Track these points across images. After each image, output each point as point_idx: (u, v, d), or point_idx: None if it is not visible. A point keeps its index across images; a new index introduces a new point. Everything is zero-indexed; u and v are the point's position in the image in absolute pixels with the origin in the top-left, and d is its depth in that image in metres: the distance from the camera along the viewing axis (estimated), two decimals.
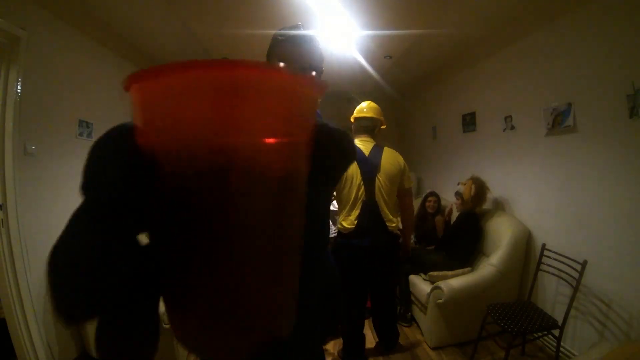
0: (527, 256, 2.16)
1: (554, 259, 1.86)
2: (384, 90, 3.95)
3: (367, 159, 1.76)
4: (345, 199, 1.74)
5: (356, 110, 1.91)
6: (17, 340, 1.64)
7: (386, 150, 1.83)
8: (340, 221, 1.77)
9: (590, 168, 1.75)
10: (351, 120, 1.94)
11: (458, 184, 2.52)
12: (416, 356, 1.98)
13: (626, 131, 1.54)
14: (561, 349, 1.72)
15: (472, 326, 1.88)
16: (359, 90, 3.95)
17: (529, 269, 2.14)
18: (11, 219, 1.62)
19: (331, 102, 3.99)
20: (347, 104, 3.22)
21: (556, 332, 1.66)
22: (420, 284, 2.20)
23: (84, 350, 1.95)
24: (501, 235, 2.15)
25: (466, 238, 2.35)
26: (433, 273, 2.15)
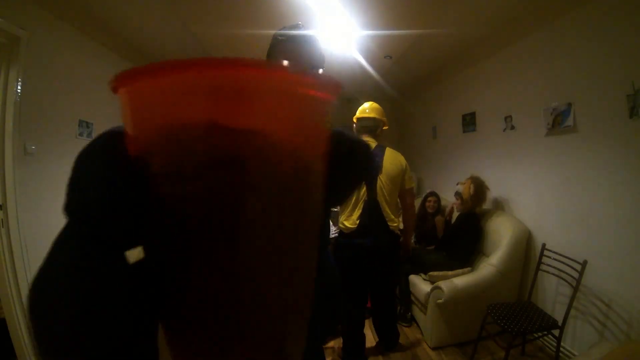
0: (527, 256, 2.16)
1: (554, 259, 1.86)
2: (384, 90, 3.95)
3: None
4: None
5: (359, 110, 1.91)
6: (17, 340, 1.64)
7: (388, 150, 1.83)
8: (342, 221, 1.77)
9: (590, 168, 1.75)
10: (353, 120, 1.94)
11: (457, 184, 2.52)
12: (416, 356, 1.98)
13: (626, 131, 1.54)
14: (561, 349, 1.72)
15: (472, 326, 1.88)
16: (359, 90, 3.94)
17: (529, 269, 2.14)
18: (11, 219, 1.62)
19: None
20: (347, 104, 3.22)
21: (556, 332, 1.66)
22: (420, 284, 2.20)
23: None
24: (501, 235, 2.15)
25: (466, 238, 2.35)
26: (433, 273, 2.15)
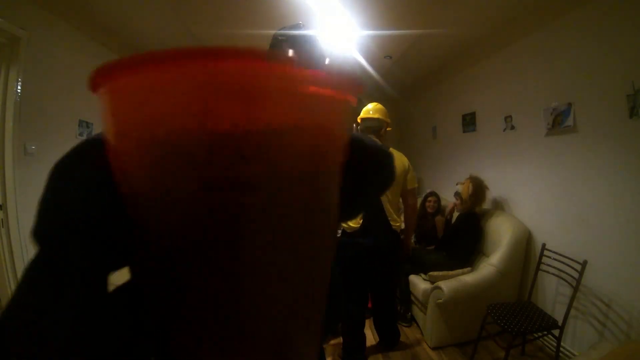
0: (527, 256, 2.16)
1: (554, 259, 1.86)
2: (384, 91, 3.95)
3: None
4: None
5: (362, 111, 1.92)
6: None
7: (392, 151, 1.84)
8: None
9: (590, 168, 1.75)
10: (357, 120, 1.94)
11: (457, 184, 2.52)
12: (416, 356, 1.98)
13: (626, 131, 1.54)
14: (561, 349, 1.72)
15: (472, 326, 1.88)
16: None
17: (529, 269, 2.14)
18: (11, 219, 1.62)
19: None
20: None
21: (556, 332, 1.66)
22: (420, 284, 2.20)
23: None
24: (501, 235, 2.15)
25: (466, 238, 2.35)
26: (433, 273, 2.15)
